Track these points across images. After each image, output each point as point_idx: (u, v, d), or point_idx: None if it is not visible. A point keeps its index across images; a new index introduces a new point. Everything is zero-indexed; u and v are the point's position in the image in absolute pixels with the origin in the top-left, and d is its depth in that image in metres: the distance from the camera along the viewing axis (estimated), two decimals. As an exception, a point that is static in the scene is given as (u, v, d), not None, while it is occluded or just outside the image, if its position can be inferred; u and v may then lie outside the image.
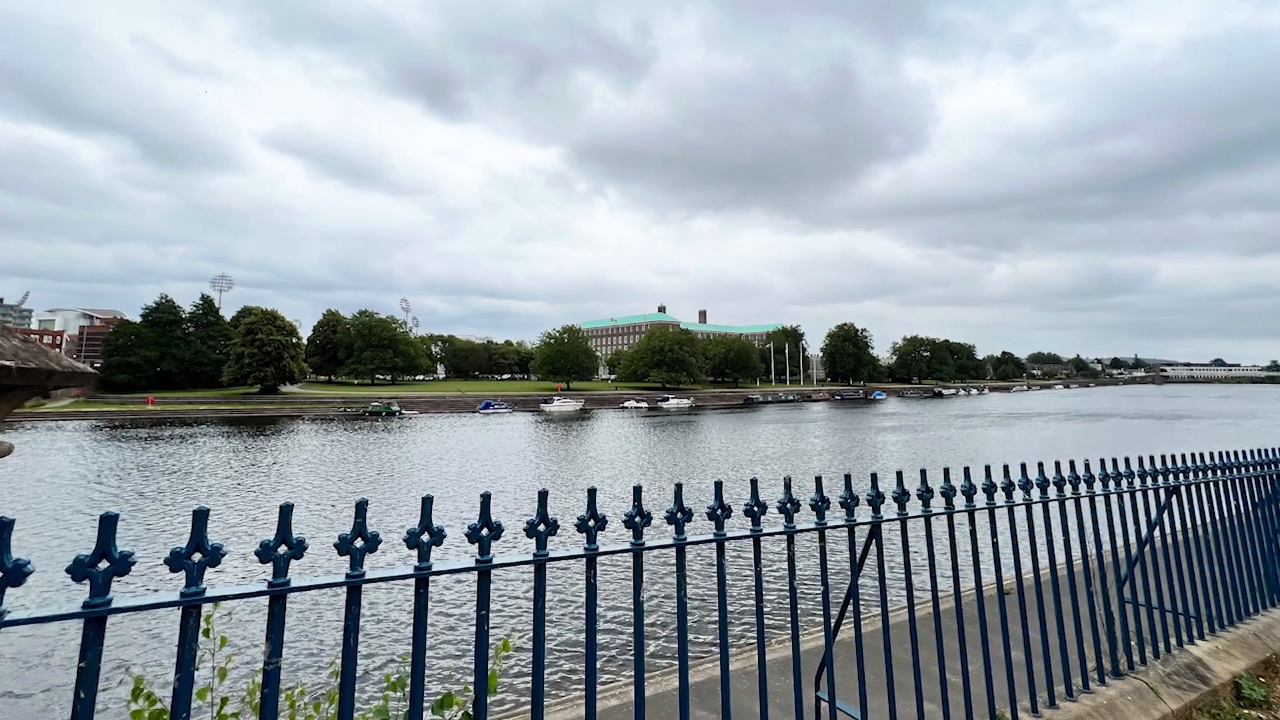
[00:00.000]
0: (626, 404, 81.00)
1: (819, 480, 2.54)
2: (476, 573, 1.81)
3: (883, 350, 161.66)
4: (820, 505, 2.52)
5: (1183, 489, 4.11)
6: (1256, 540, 4.60)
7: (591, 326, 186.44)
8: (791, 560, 2.42)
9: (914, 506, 2.82)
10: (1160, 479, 3.99)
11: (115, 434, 42.01)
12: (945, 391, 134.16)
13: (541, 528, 1.89)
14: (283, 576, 1.52)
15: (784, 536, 2.44)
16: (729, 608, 8.98)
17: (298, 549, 1.53)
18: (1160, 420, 58.73)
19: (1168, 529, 3.98)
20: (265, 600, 1.51)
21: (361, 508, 1.64)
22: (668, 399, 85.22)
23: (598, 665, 7.02)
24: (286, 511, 1.52)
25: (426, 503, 1.73)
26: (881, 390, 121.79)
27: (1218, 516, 4.30)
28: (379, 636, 8.72)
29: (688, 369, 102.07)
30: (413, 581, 1.72)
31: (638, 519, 2.05)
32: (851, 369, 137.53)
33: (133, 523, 16.44)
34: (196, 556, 1.45)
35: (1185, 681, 3.55)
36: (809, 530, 2.50)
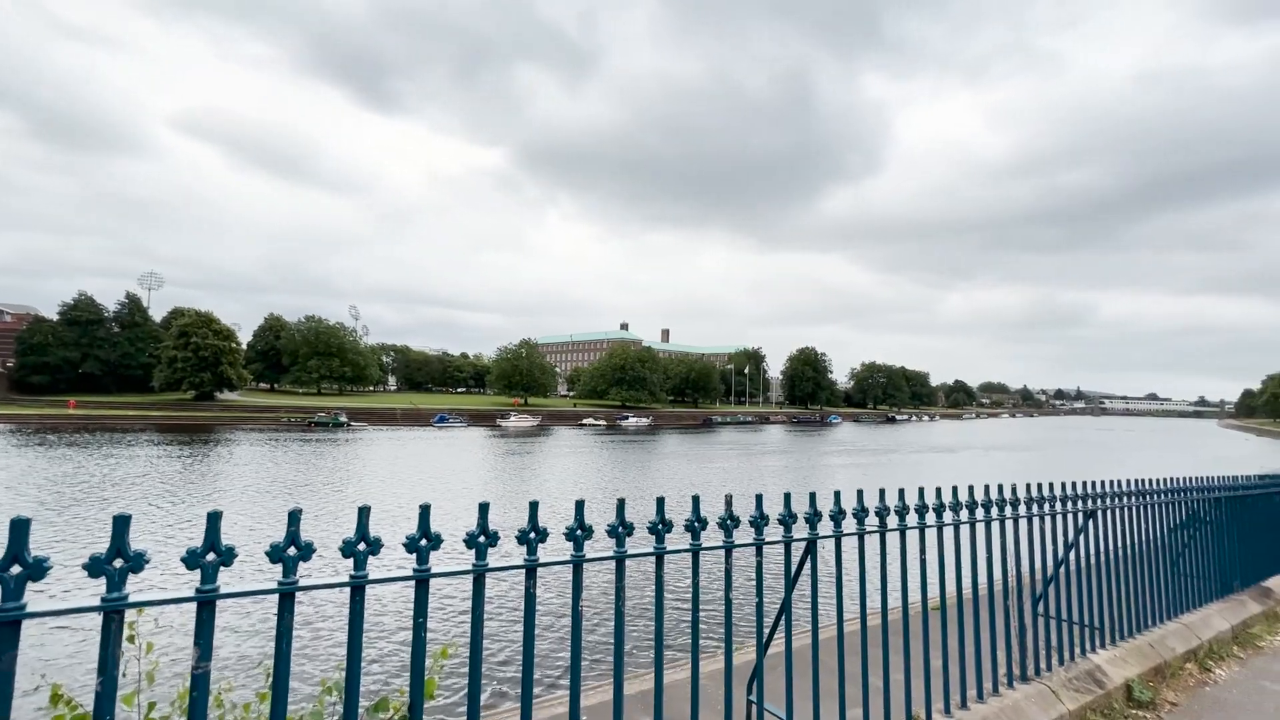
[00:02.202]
0: (585, 421, 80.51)
1: (759, 498, 2.64)
2: (414, 582, 1.82)
3: (841, 375, 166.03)
4: (759, 522, 2.61)
5: (1099, 513, 4.41)
6: (1159, 560, 4.96)
7: (549, 342, 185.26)
8: (728, 574, 2.50)
9: (849, 525, 2.95)
10: (1079, 503, 4.27)
11: (31, 440, 39.17)
12: (898, 418, 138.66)
13: (481, 539, 1.91)
14: (211, 583, 1.50)
15: (723, 551, 2.52)
16: (674, 618, 9.00)
17: (226, 556, 1.52)
18: (1090, 448, 62.14)
19: (1084, 549, 4.25)
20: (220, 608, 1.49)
21: (295, 516, 1.64)
22: (627, 417, 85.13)
23: (534, 676, 6.96)
24: (215, 519, 1.51)
25: (363, 512, 1.74)
26: (838, 415, 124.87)
27: (1127, 538, 4.62)
28: (314, 643, 8.51)
29: (648, 388, 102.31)
30: (348, 590, 1.72)
31: (579, 532, 2.09)
32: (810, 393, 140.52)
33: (54, 531, 15.34)
34: (118, 563, 1.42)
35: (1084, 685, 3.79)
36: (747, 545, 2.59)
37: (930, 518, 3.28)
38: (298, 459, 32.80)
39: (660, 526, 2.29)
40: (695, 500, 2.43)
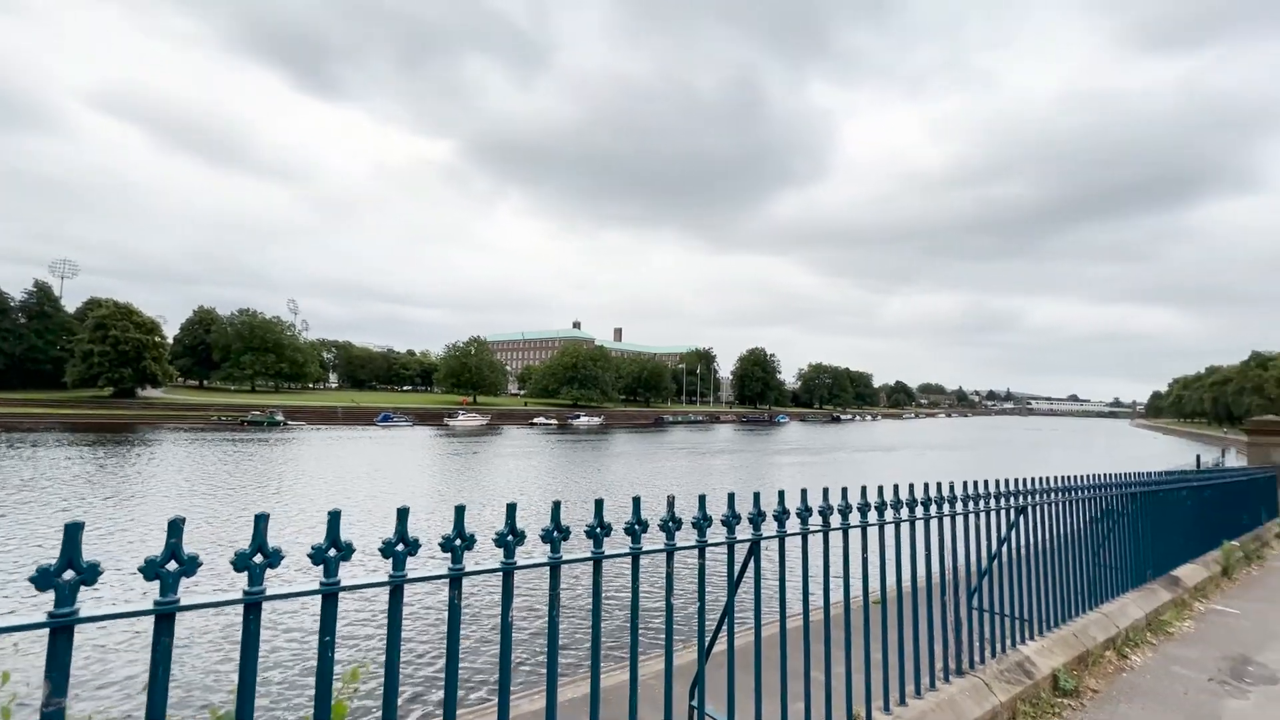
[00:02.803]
0: (536, 420, 79.47)
1: (702, 499, 2.56)
2: (320, 596, 1.64)
3: (789, 375, 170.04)
4: (702, 523, 2.54)
5: (1029, 509, 4.56)
6: (1081, 554, 5.19)
7: (500, 340, 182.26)
8: (669, 578, 2.42)
9: (793, 525, 2.92)
10: (1011, 500, 4.41)
11: (-81, 439, 35.56)
12: (843, 417, 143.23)
13: (400, 548, 1.75)
14: (68, 605, 1.30)
15: (664, 554, 2.43)
16: (618, 623, 8.88)
17: (89, 574, 1.31)
18: (1018, 448, 65.80)
19: (1015, 544, 4.39)
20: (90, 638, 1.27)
21: (176, 527, 1.44)
22: (579, 416, 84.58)
23: (458, 694, 6.77)
24: (73, 531, 1.30)
25: (260, 521, 1.55)
26: (785, 414, 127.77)
27: (1054, 533, 4.81)
28: (197, 661, 7.90)
29: (601, 387, 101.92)
30: (242, 608, 1.53)
31: (509, 537, 1.96)
32: (759, 392, 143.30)
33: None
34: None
35: (1014, 677, 3.91)
36: (689, 548, 2.51)
37: (872, 516, 3.30)
38: (222, 460, 30.98)
39: (599, 530, 2.18)
40: (635, 502, 2.34)
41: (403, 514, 1.77)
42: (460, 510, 1.89)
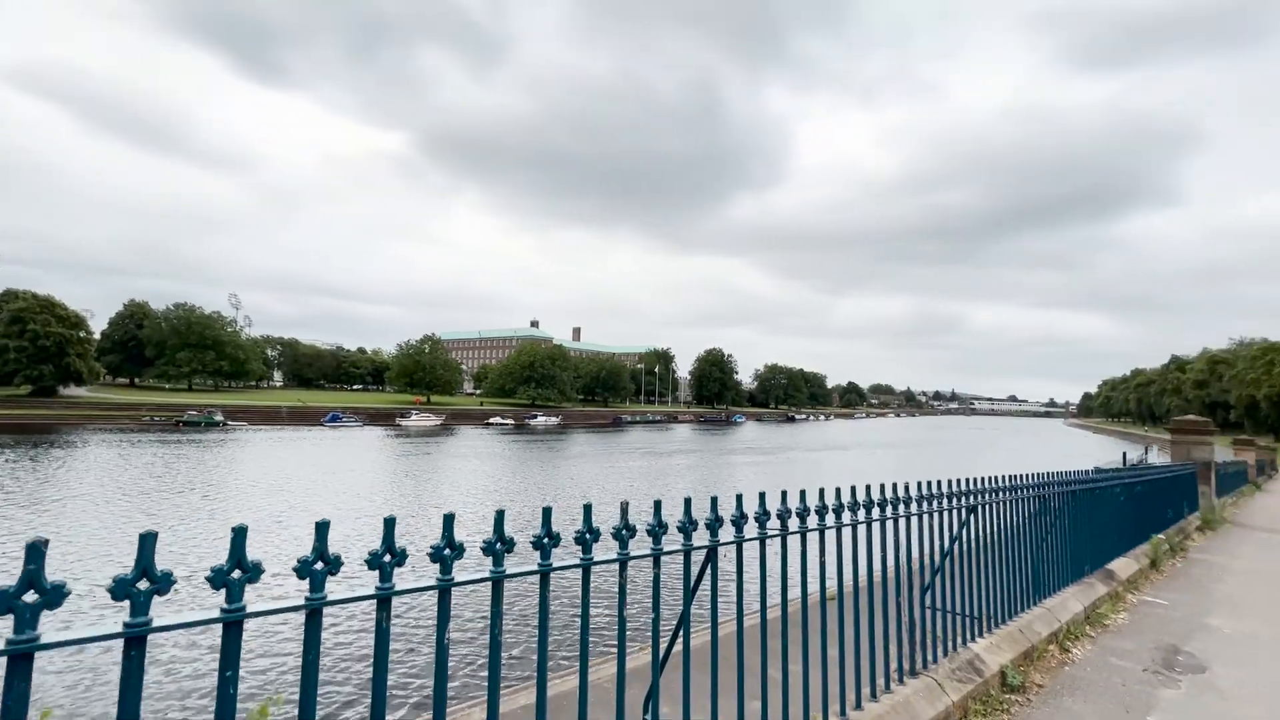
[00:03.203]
0: (492, 421, 78.10)
1: (657, 505, 2.45)
2: (222, 625, 1.44)
3: (746, 376, 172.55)
4: (657, 530, 2.42)
5: (980, 508, 4.63)
6: (1026, 550, 5.33)
7: (455, 338, 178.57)
8: (622, 589, 2.29)
9: (751, 530, 2.84)
10: (963, 500, 4.46)
11: None
12: (798, 417, 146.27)
13: (319, 566, 1.56)
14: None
15: (617, 564, 2.30)
16: (574, 634, 8.68)
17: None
18: (962, 447, 68.53)
19: (965, 542, 4.45)
20: None
21: (35, 551, 1.21)
22: (536, 416, 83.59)
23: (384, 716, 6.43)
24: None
25: (146, 541, 1.34)
26: (742, 414, 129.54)
27: (1002, 531, 4.91)
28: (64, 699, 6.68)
29: (559, 387, 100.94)
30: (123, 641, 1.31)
31: (447, 552, 1.79)
32: (717, 392, 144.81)
33: None
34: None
35: (965, 675, 3.95)
36: (643, 557, 2.39)
37: (830, 519, 3.26)
38: (150, 463, 29.18)
39: (546, 541, 2.03)
40: (587, 510, 2.20)
41: (322, 528, 1.58)
42: (389, 524, 1.71)
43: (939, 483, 4.21)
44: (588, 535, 2.16)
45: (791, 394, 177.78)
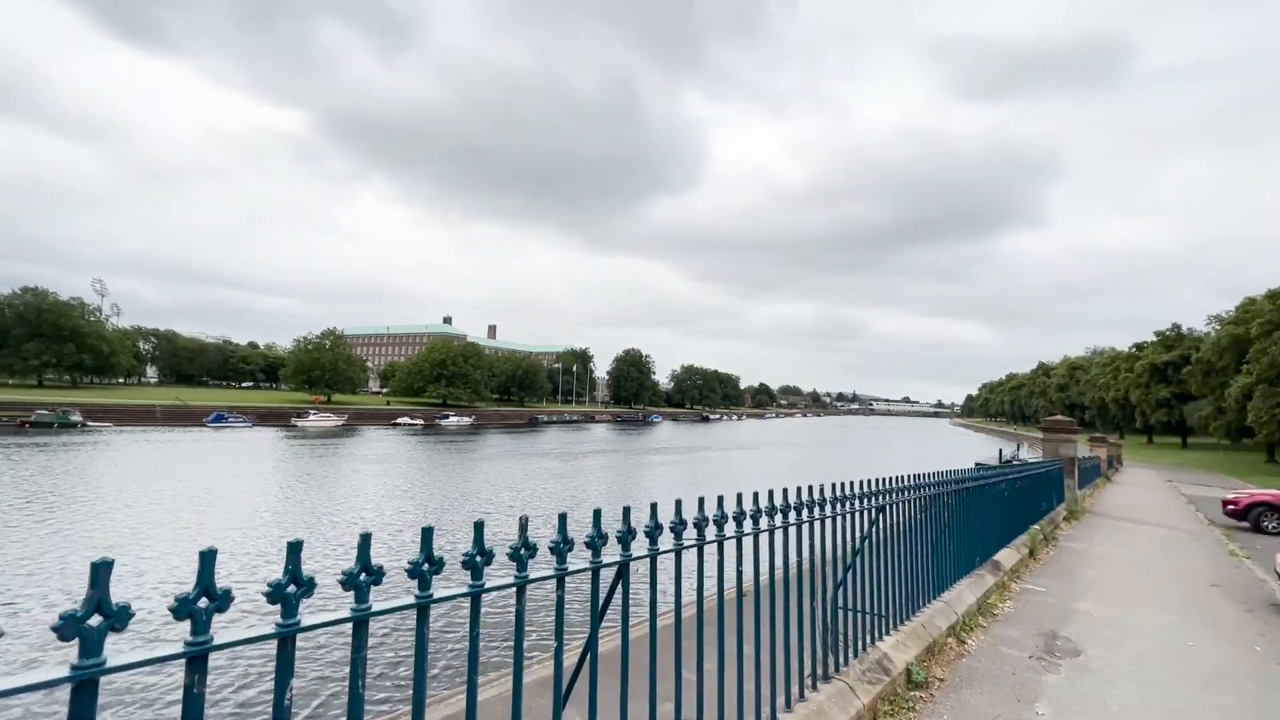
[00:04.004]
0: (399, 421, 74.18)
1: (562, 518, 2.18)
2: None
3: (663, 376, 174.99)
4: (562, 547, 2.16)
5: (888, 508, 4.71)
6: (927, 547, 5.52)
7: (362, 333, 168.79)
8: (520, 616, 2.00)
9: (666, 540, 2.64)
10: (872, 500, 4.51)
11: None
12: (712, 417, 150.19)
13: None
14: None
15: (514, 589, 2.02)
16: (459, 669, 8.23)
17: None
18: (862, 445, 73.01)
19: (874, 542, 4.50)
20: None
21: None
22: (448, 416, 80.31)
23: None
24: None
25: (206, 559, 1.21)
26: (659, 414, 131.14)
27: (907, 529, 5.04)
28: None
29: (472, 386, 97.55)
30: None
31: (291, 589, 1.43)
32: (634, 393, 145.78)
33: None
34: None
35: (875, 676, 3.98)
36: (546, 578, 2.11)
37: (748, 524, 3.14)
38: (-7, 470, 25.17)
39: (425, 568, 1.71)
40: (478, 529, 1.89)
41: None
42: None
43: (851, 484, 4.22)
44: (478, 559, 1.86)
45: (707, 395, 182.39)
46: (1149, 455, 48.86)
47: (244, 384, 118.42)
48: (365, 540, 1.57)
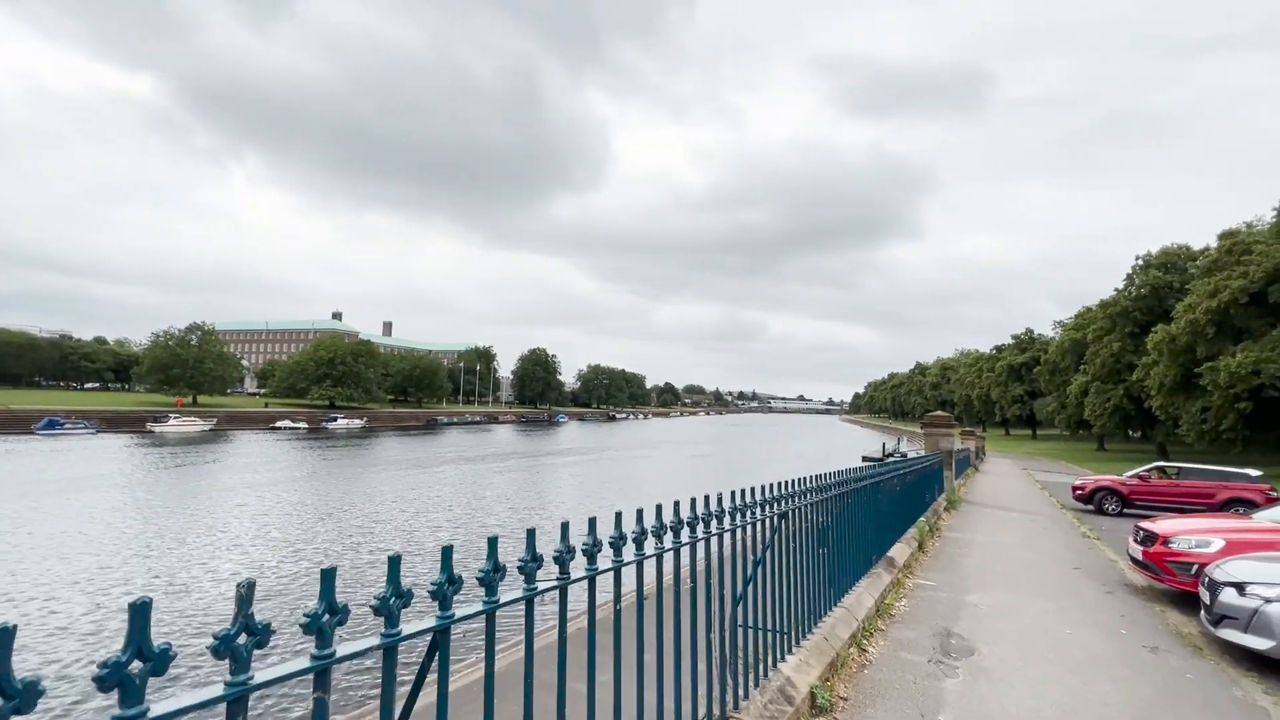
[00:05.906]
0: (280, 424, 67.79)
1: (446, 551, 1.65)
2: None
3: (569, 376, 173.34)
4: (445, 589, 1.61)
5: (790, 513, 4.46)
6: (826, 551, 5.36)
7: (237, 329, 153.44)
8: (389, 676, 1.41)
9: (579, 565, 2.15)
10: (775, 506, 4.23)
11: None
12: (618, 416, 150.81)
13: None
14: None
15: (379, 650, 1.44)
16: None
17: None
18: (761, 440, 76.12)
19: (776, 551, 4.22)
20: None
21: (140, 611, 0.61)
22: (335, 419, 74.50)
23: None
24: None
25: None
26: (565, 414, 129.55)
27: (807, 534, 4.83)
28: None
29: (365, 386, 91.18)
30: None
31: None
32: (540, 392, 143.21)
33: None
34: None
35: (778, 708, 3.65)
36: (420, 634, 1.55)
37: (650, 545, 2.73)
38: None
39: (242, 645, 1.09)
40: (325, 578, 1.29)
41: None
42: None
43: (754, 490, 3.90)
44: (325, 618, 1.26)
45: (613, 394, 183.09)
46: (1007, 446, 54.71)
47: (88, 385, 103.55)
48: (137, 611, 0.93)
